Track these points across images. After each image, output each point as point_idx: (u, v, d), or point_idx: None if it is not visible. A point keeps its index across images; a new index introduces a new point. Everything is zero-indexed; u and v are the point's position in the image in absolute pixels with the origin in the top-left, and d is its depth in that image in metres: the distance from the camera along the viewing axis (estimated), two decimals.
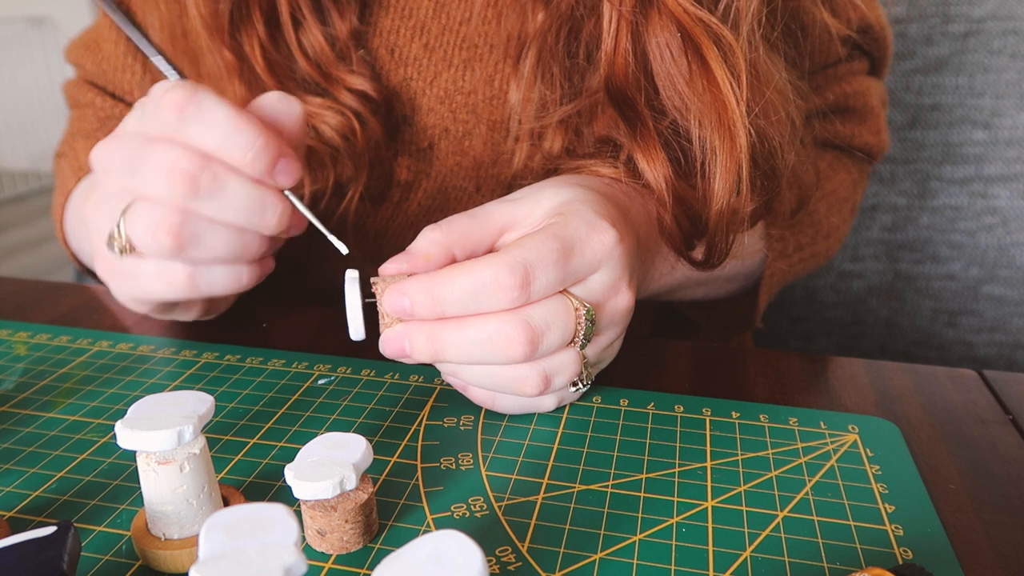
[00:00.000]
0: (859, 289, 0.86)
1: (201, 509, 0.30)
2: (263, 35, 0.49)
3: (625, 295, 0.38)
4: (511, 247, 0.35)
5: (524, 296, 0.34)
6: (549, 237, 0.35)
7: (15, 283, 0.56)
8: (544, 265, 0.35)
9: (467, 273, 0.34)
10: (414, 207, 0.56)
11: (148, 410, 0.30)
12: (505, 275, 0.34)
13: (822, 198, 0.57)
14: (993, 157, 0.79)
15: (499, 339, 0.34)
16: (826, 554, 0.31)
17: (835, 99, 0.59)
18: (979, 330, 0.84)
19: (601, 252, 0.36)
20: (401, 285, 0.35)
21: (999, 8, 0.76)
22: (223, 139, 0.36)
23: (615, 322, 0.38)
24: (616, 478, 0.35)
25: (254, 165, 0.37)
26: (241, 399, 0.41)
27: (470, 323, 0.35)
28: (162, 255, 0.38)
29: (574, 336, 0.36)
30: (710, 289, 0.55)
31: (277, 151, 0.38)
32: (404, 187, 0.55)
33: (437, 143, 0.54)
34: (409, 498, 0.34)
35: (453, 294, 0.34)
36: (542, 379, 0.36)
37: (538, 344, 0.35)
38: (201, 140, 0.36)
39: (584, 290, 0.37)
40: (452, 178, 0.54)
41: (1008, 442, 0.39)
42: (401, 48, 0.53)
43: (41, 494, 0.34)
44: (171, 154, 0.36)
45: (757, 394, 0.42)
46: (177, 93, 0.36)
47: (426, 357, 0.36)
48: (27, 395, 0.42)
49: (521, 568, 0.30)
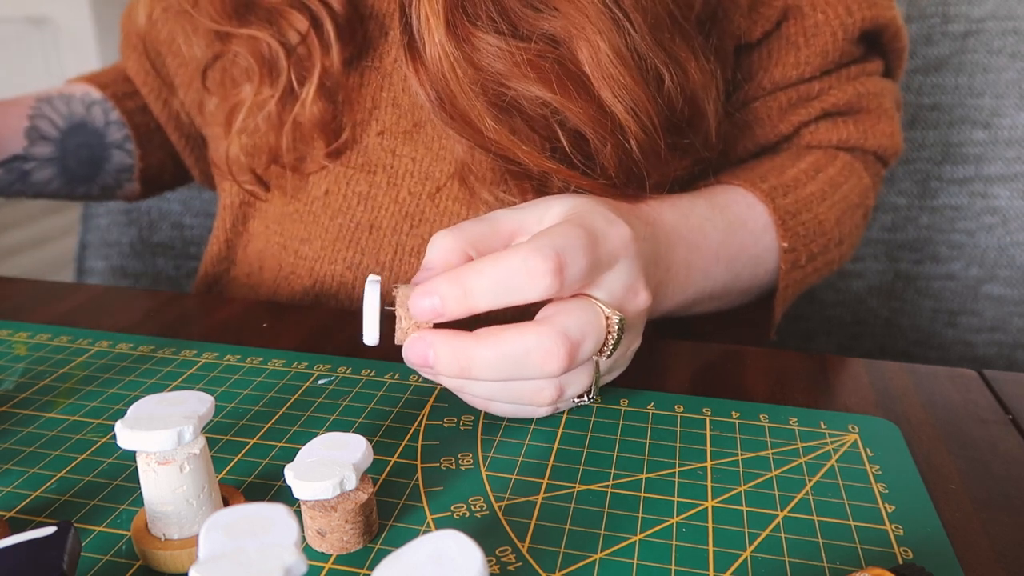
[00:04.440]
0: (859, 289, 0.86)
1: (201, 509, 0.30)
2: None
3: (643, 295, 0.38)
4: (538, 235, 0.34)
5: (558, 282, 0.33)
6: (575, 226, 0.34)
7: (15, 283, 0.56)
8: (575, 251, 0.33)
9: (496, 262, 0.33)
10: (404, 194, 0.55)
11: (148, 410, 0.30)
12: (537, 260, 0.32)
13: (833, 205, 0.57)
14: (993, 157, 0.79)
15: (538, 353, 0.33)
16: (826, 554, 0.31)
17: (848, 99, 0.59)
18: (979, 330, 0.84)
19: (620, 246, 0.36)
20: (427, 285, 0.34)
21: (999, 8, 0.76)
22: None
23: (633, 325, 0.38)
24: (616, 478, 0.35)
25: None
26: (241, 399, 0.41)
27: (505, 336, 0.33)
28: None
29: (604, 345, 0.35)
30: (724, 303, 0.55)
31: None
32: (390, 171, 0.55)
33: (423, 126, 0.54)
34: (409, 498, 0.34)
35: (483, 284, 0.33)
36: (558, 390, 0.36)
37: (576, 356, 0.34)
38: None
39: (604, 292, 0.36)
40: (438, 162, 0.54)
41: (1008, 442, 0.39)
42: None
43: (41, 494, 0.34)
44: None
45: (757, 394, 0.42)
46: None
47: (451, 372, 0.34)
48: (27, 395, 0.42)
49: (521, 568, 0.30)
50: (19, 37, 2.87)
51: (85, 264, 0.94)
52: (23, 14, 2.84)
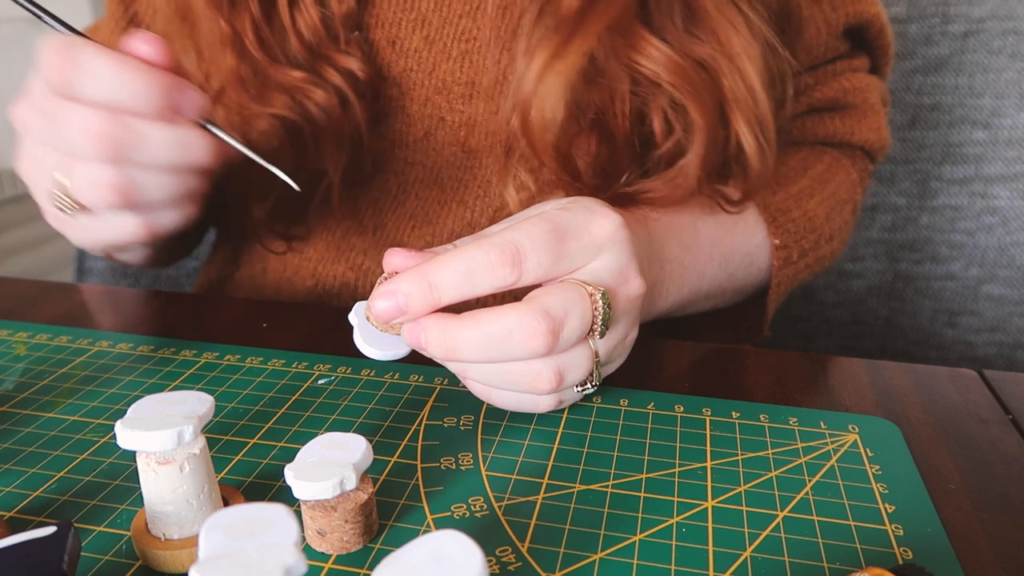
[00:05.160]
0: (859, 289, 0.86)
1: (201, 509, 0.30)
2: (256, 11, 0.50)
3: (635, 282, 0.38)
4: (503, 231, 0.35)
5: (516, 274, 0.34)
6: (541, 221, 0.36)
7: (15, 283, 0.56)
8: (535, 245, 0.35)
9: (458, 256, 0.34)
10: (412, 198, 0.56)
11: (148, 410, 0.30)
12: (495, 255, 0.34)
13: (822, 201, 0.57)
14: (993, 157, 0.79)
15: (520, 332, 0.34)
16: (826, 554, 0.31)
17: (833, 95, 0.59)
18: (979, 330, 0.84)
19: (602, 236, 0.36)
20: (390, 283, 0.35)
21: (999, 8, 0.76)
22: (115, 91, 0.37)
23: (627, 311, 0.38)
24: (616, 478, 0.35)
25: (157, 108, 0.38)
26: (241, 399, 0.41)
27: (486, 317, 0.34)
28: (111, 209, 0.40)
29: (593, 323, 0.36)
30: (719, 301, 0.55)
31: (167, 87, 0.38)
32: (401, 178, 0.55)
33: (434, 133, 0.54)
34: (409, 498, 0.34)
35: (446, 278, 0.34)
36: (556, 375, 0.36)
37: (559, 333, 0.34)
38: (93, 96, 0.37)
39: (590, 276, 0.36)
40: (448, 168, 0.54)
41: (1008, 442, 0.39)
42: (402, 40, 0.53)
43: (41, 494, 0.34)
44: (79, 116, 0.37)
45: (757, 394, 0.42)
46: (53, 56, 0.37)
47: (440, 354, 0.35)
48: (27, 395, 0.42)
49: (521, 568, 0.30)
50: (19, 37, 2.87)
51: (85, 264, 0.93)
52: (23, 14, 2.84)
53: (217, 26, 0.50)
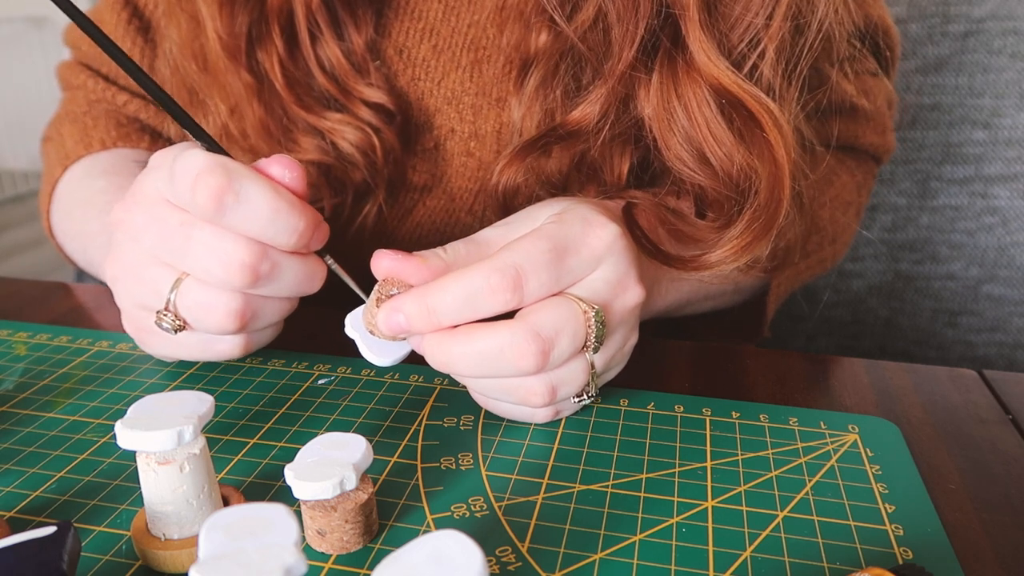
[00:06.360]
0: (859, 289, 0.86)
1: (201, 509, 0.30)
2: (282, 51, 0.49)
3: (634, 291, 0.38)
4: (502, 251, 0.35)
5: (517, 299, 0.34)
6: (540, 238, 0.35)
7: (15, 283, 0.56)
8: (535, 266, 0.34)
9: (458, 280, 0.34)
10: (420, 210, 0.56)
11: (148, 410, 0.30)
12: (496, 279, 0.34)
13: (826, 203, 0.57)
14: (993, 157, 0.79)
15: (510, 352, 0.34)
16: (826, 554, 0.31)
17: (841, 98, 0.59)
18: (979, 330, 0.84)
19: (600, 248, 0.36)
20: (395, 301, 0.35)
21: (999, 8, 0.76)
22: (267, 226, 0.36)
23: (625, 320, 0.38)
24: (616, 478, 0.35)
25: (299, 245, 0.37)
26: (241, 399, 0.41)
27: (479, 335, 0.34)
28: (222, 333, 0.38)
29: (585, 341, 0.36)
30: (718, 302, 0.55)
31: (314, 223, 0.37)
32: (410, 189, 0.55)
33: (443, 144, 0.54)
34: (409, 498, 0.34)
35: (447, 302, 0.34)
36: (548, 390, 0.36)
37: (550, 353, 0.34)
38: (246, 228, 0.36)
39: (588, 290, 0.36)
40: (457, 179, 0.54)
41: (1008, 442, 0.39)
42: (410, 49, 0.53)
43: (41, 494, 0.34)
44: (224, 244, 0.35)
45: (757, 394, 0.42)
46: (213, 181, 0.34)
47: (436, 366, 0.36)
48: (27, 395, 0.42)
49: (521, 568, 0.30)
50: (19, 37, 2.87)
51: None
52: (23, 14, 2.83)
53: (240, 79, 0.50)
